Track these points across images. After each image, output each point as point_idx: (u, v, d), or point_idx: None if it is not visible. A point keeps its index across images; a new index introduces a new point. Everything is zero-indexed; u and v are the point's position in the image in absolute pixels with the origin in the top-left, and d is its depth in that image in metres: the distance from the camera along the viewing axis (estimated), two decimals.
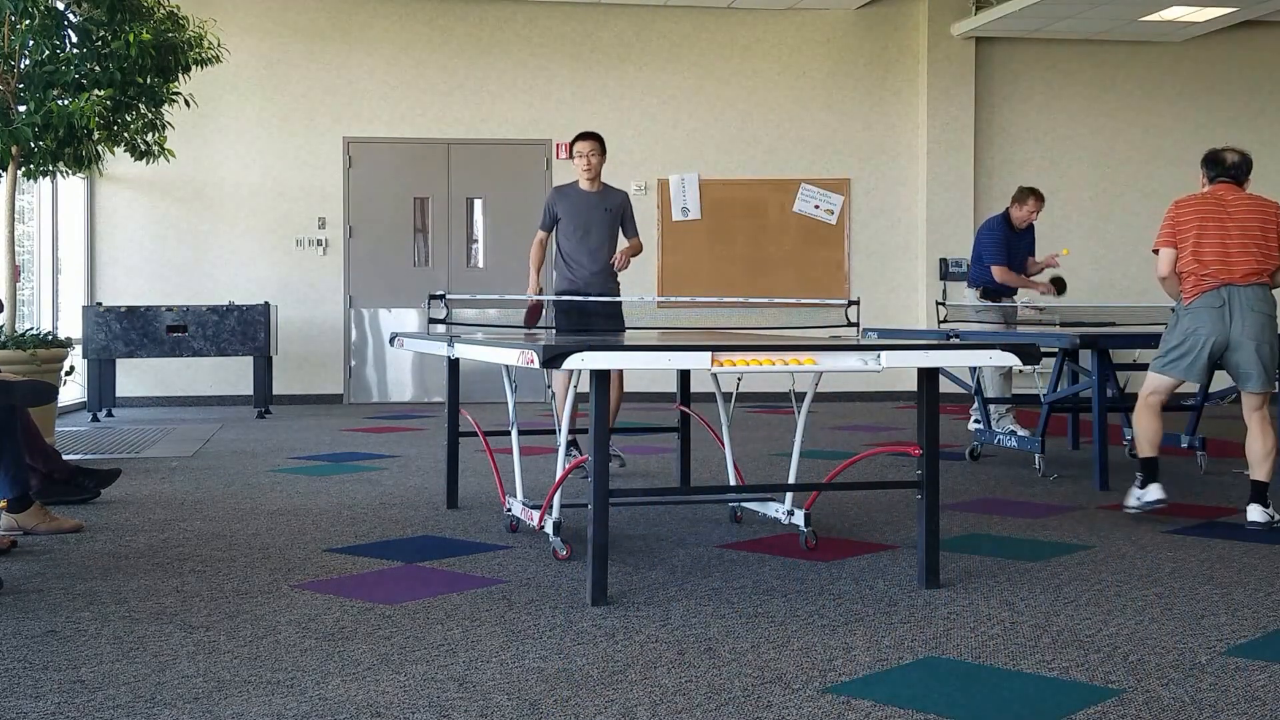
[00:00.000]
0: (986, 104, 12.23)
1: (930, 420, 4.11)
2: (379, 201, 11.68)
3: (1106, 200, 12.25)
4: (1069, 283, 10.05)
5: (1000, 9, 11.22)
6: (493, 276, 11.71)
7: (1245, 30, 12.33)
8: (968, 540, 4.94)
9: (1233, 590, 4.08)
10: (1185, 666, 3.20)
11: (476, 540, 4.91)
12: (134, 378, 11.12)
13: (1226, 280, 5.32)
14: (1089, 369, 6.69)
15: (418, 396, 11.73)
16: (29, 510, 4.91)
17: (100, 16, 7.62)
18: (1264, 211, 5.40)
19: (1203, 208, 5.43)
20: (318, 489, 6.25)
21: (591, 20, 11.91)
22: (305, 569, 4.36)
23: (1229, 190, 5.47)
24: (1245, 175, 5.54)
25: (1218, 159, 5.57)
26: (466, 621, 3.63)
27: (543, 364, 3.61)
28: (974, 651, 3.36)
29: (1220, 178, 5.52)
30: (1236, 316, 5.32)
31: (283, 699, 2.91)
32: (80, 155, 7.83)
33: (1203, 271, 5.34)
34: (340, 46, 11.63)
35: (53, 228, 10.87)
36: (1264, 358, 5.32)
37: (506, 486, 5.27)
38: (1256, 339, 5.30)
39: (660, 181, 11.90)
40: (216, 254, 11.46)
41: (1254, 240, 5.34)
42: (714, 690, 2.99)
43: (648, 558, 4.57)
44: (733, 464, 5.43)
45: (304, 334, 11.48)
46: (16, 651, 3.30)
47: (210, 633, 3.49)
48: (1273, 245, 5.37)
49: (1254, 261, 5.32)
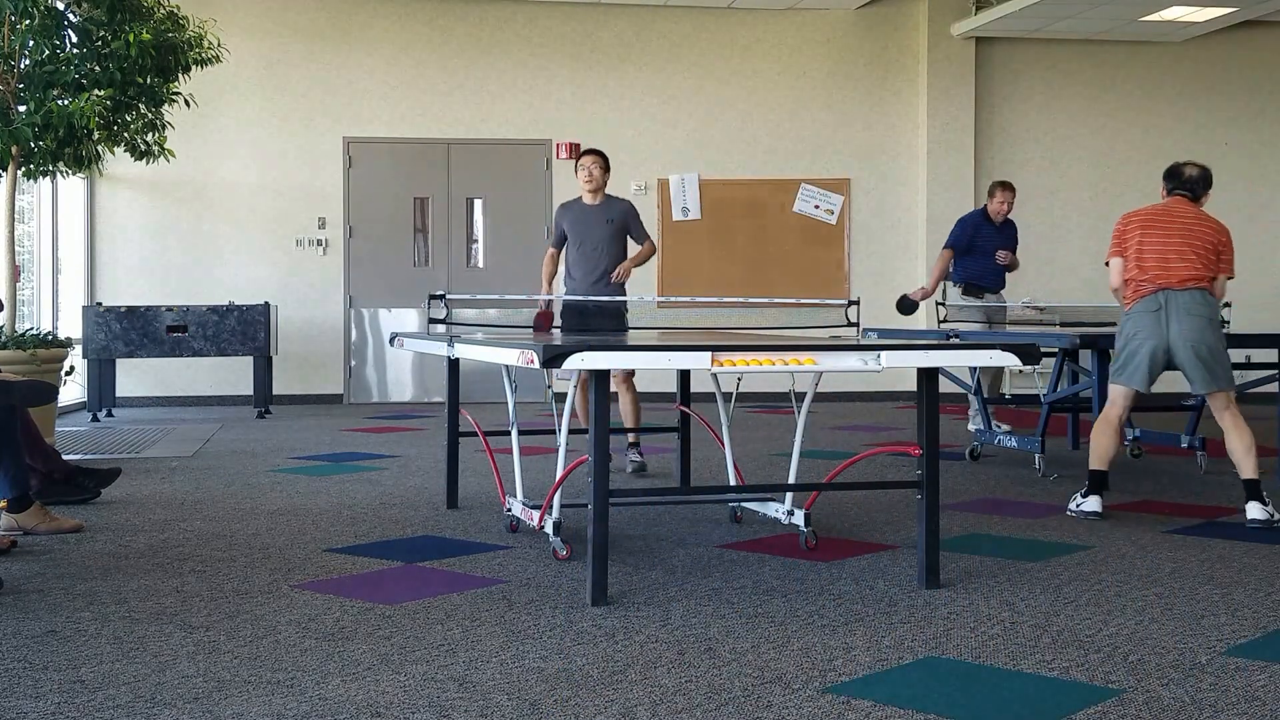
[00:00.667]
0: (986, 104, 12.23)
1: (930, 420, 4.11)
2: (379, 201, 11.68)
3: (1106, 200, 12.24)
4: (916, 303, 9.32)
5: (1000, 9, 11.22)
6: (493, 276, 11.72)
7: (1245, 30, 12.33)
8: (968, 540, 4.94)
9: (1233, 590, 4.08)
10: (1185, 666, 3.20)
11: (476, 540, 4.91)
12: (134, 378, 11.12)
13: (1164, 285, 5.39)
14: (1089, 369, 6.69)
15: (418, 396, 11.73)
16: (29, 510, 4.91)
17: (100, 16, 7.62)
18: (1215, 231, 5.47)
19: (1148, 217, 5.52)
20: (318, 489, 6.25)
21: (591, 20, 11.91)
22: (305, 569, 4.36)
23: (1180, 204, 5.55)
24: (1203, 190, 5.60)
25: (1176, 172, 5.63)
26: (466, 621, 3.63)
27: (543, 364, 3.61)
28: (974, 651, 3.36)
29: (1177, 190, 5.59)
30: (1173, 320, 5.37)
31: (283, 699, 2.91)
32: (80, 155, 7.83)
33: (1142, 277, 5.43)
34: (340, 46, 11.64)
35: (53, 228, 10.87)
36: (1205, 359, 5.35)
37: (506, 486, 5.27)
38: (1195, 341, 5.34)
39: (660, 181, 11.90)
40: (216, 254, 11.47)
41: (1196, 251, 5.40)
42: (714, 690, 2.99)
43: (648, 558, 4.57)
44: (733, 464, 5.43)
45: (304, 334, 11.48)
46: (16, 651, 3.30)
47: (210, 633, 3.49)
48: (1213, 259, 5.42)
49: (1192, 268, 5.38)
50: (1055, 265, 12.08)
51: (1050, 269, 12.05)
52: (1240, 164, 12.46)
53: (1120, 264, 5.55)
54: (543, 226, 11.76)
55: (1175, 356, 5.40)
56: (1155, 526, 5.26)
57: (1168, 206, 5.54)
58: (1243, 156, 12.54)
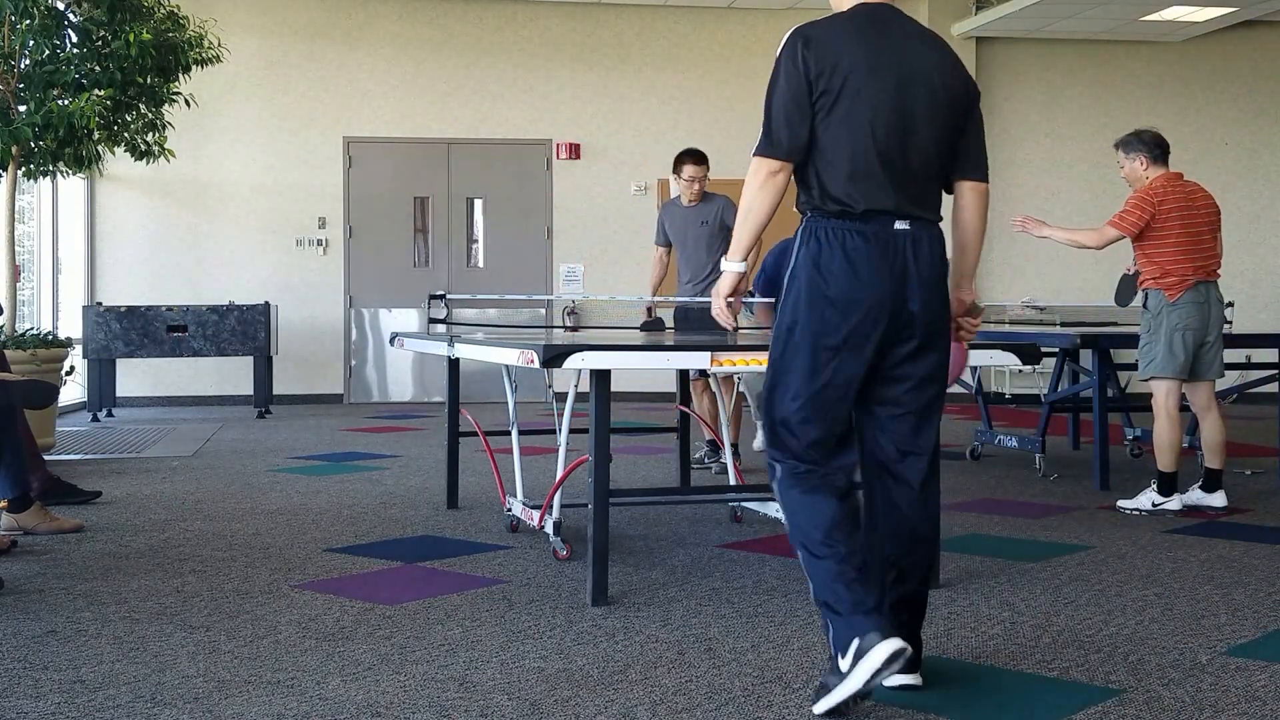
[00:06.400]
0: (986, 104, 12.10)
1: None
2: (379, 201, 11.68)
3: (1106, 200, 12.19)
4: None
5: (1000, 9, 11.21)
6: (493, 276, 11.71)
7: (1245, 30, 12.32)
8: (968, 540, 4.94)
9: (1233, 590, 4.08)
10: (1185, 666, 3.20)
11: (476, 540, 4.91)
12: (134, 378, 11.12)
13: (1204, 278, 5.52)
14: (1089, 369, 6.69)
15: (418, 396, 11.73)
16: (29, 510, 4.91)
17: (100, 16, 7.62)
18: (1218, 210, 5.68)
19: (1179, 205, 5.54)
20: (318, 489, 6.25)
21: (591, 20, 11.91)
22: (305, 569, 4.36)
23: (1189, 186, 5.65)
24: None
25: (1161, 143, 5.73)
26: (466, 621, 3.63)
27: (543, 364, 3.61)
28: (974, 651, 3.36)
29: (1164, 162, 5.69)
30: (1211, 310, 5.53)
31: (283, 699, 2.91)
32: (80, 155, 7.82)
33: (1187, 266, 5.51)
34: (340, 46, 11.64)
35: (53, 228, 10.86)
36: (1222, 348, 5.58)
37: (506, 486, 5.27)
38: (1220, 330, 5.57)
39: (660, 181, 11.88)
40: (216, 254, 11.46)
41: (1216, 238, 5.60)
42: (714, 690, 2.99)
43: (648, 558, 4.57)
44: (733, 464, 5.43)
45: (304, 334, 11.48)
46: (16, 651, 3.30)
47: (210, 633, 3.49)
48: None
49: (1218, 260, 5.60)
50: (1055, 265, 12.07)
51: (1050, 269, 12.05)
52: (1240, 164, 12.46)
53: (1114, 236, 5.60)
54: (543, 226, 11.77)
55: (1204, 345, 5.52)
56: (1155, 526, 5.26)
57: (1187, 193, 5.58)
58: (1243, 156, 12.53)
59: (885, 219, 2.92)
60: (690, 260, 7.00)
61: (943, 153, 3.02)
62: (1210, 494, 5.61)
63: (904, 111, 2.92)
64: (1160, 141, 5.66)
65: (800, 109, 2.92)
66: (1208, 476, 5.64)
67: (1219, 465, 5.63)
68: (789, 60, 2.93)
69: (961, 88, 3.02)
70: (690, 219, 6.95)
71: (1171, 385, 5.51)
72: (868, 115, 2.89)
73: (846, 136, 2.90)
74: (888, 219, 2.92)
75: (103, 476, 6.53)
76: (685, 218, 6.98)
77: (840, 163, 2.91)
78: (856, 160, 2.90)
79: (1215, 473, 5.62)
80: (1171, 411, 5.51)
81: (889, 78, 2.90)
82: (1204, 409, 5.64)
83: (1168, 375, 5.48)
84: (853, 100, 2.89)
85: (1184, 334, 5.43)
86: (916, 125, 2.93)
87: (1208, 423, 5.63)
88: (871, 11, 2.99)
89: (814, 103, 2.91)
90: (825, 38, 2.93)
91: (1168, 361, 5.46)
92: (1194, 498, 5.60)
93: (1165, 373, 5.48)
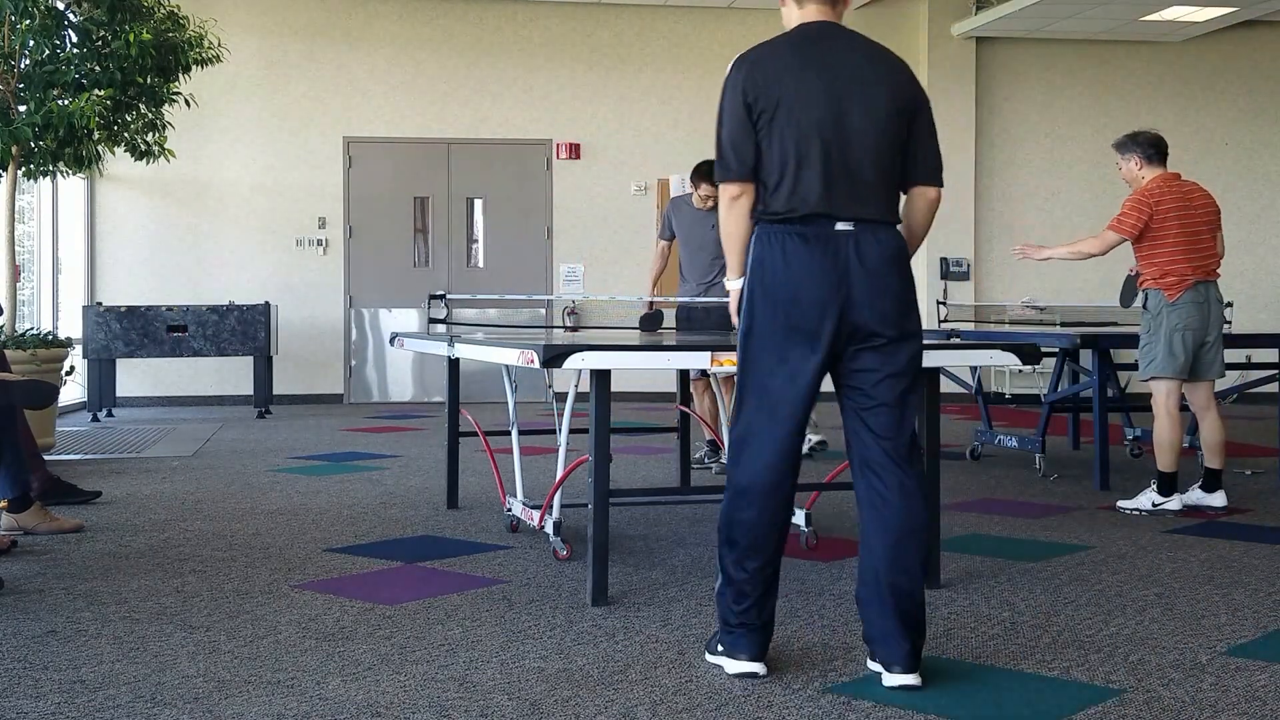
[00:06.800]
0: (986, 104, 12.23)
1: (930, 420, 4.10)
2: (379, 201, 11.68)
3: (1106, 200, 12.20)
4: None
5: (1000, 9, 11.21)
6: (493, 276, 11.71)
7: (1245, 30, 12.32)
8: (968, 540, 4.94)
9: (1233, 590, 4.08)
10: (1185, 666, 3.20)
11: (476, 540, 4.91)
12: (134, 378, 11.12)
13: (1203, 278, 5.51)
14: (1089, 369, 6.69)
15: (418, 396, 11.73)
16: (29, 510, 4.91)
17: (100, 16, 7.62)
18: (1218, 210, 5.67)
19: (1176, 205, 5.53)
20: (318, 489, 6.25)
21: (591, 20, 11.91)
22: (305, 569, 4.36)
23: (1187, 185, 5.66)
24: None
25: (1159, 143, 5.74)
26: (466, 621, 3.63)
27: (543, 363, 3.61)
28: (974, 651, 3.36)
29: (1161, 162, 5.69)
30: (1211, 310, 5.54)
31: (283, 699, 2.91)
32: (80, 155, 7.82)
33: (1185, 267, 5.52)
34: (340, 46, 11.64)
35: (53, 228, 10.86)
36: (1222, 347, 5.61)
37: (507, 486, 5.27)
38: (1220, 330, 5.58)
39: (660, 181, 11.88)
40: (216, 254, 11.46)
41: (1216, 237, 5.60)
42: (714, 690, 2.99)
43: (648, 558, 4.57)
44: None
45: (304, 334, 11.48)
46: (16, 651, 3.30)
47: (210, 633, 3.49)
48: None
49: (1217, 260, 5.59)
50: (1055, 265, 12.05)
51: (1050, 269, 12.03)
52: (1240, 164, 12.47)
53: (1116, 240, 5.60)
54: (543, 226, 11.77)
55: (1204, 345, 5.53)
56: (1155, 526, 5.26)
57: (1185, 192, 5.58)
58: (1243, 156, 12.53)
59: (825, 221, 3.07)
60: (695, 260, 6.99)
61: (892, 158, 3.16)
62: (1210, 494, 5.62)
63: (840, 122, 3.07)
64: (1156, 142, 5.65)
65: (745, 131, 3.10)
66: (1207, 476, 5.65)
67: (1219, 465, 5.64)
68: (731, 88, 3.13)
69: (907, 97, 3.18)
70: (699, 221, 6.95)
71: (1171, 385, 5.52)
72: (802, 127, 3.06)
73: (784, 148, 3.07)
74: (827, 221, 3.07)
75: (103, 476, 6.53)
76: (695, 219, 6.98)
77: (779, 173, 3.07)
78: (794, 169, 3.06)
79: (1215, 473, 5.63)
80: (1171, 411, 5.52)
81: (823, 91, 3.07)
82: (1203, 409, 5.65)
83: (1167, 375, 5.49)
84: (788, 114, 3.06)
85: (1184, 334, 5.45)
86: (855, 134, 3.08)
87: (1207, 423, 5.65)
88: (809, 30, 3.19)
89: (755, 123, 3.08)
90: (762, 59, 3.14)
91: (1167, 362, 5.47)
92: (1194, 498, 5.60)
93: (1165, 373, 5.49)
